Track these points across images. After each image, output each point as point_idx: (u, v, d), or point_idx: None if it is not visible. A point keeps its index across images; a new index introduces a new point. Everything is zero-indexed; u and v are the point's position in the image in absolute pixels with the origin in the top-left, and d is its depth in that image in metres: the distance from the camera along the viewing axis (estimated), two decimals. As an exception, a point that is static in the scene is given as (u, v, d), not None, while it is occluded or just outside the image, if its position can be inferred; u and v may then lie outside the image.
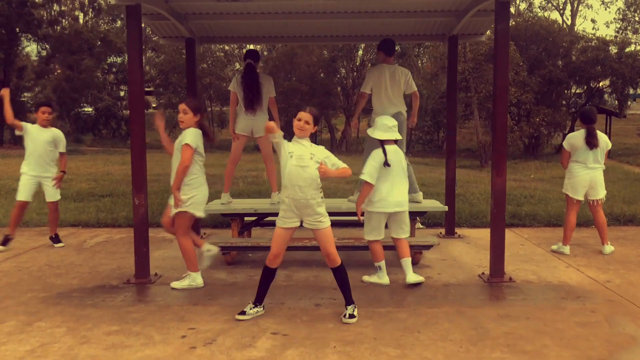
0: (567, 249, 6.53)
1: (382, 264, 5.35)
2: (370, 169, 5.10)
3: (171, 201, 5.12)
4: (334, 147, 31.57)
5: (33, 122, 6.96)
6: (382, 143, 5.20)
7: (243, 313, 4.41)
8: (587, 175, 6.38)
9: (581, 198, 6.49)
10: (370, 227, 5.27)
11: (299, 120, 4.31)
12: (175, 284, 5.24)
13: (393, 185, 5.15)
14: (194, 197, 5.07)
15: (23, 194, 6.82)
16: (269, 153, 6.60)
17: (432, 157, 25.23)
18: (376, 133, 5.22)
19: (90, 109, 34.39)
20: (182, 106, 5.10)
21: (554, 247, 6.68)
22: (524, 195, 10.81)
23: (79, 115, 33.24)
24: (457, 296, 4.97)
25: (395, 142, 5.27)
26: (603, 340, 3.95)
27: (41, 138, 6.79)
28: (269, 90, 6.56)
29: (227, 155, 24.35)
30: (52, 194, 6.98)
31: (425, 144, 31.57)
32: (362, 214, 5.24)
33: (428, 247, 5.94)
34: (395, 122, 5.25)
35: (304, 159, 4.27)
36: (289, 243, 4.53)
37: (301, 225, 4.44)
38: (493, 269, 5.46)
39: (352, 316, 4.31)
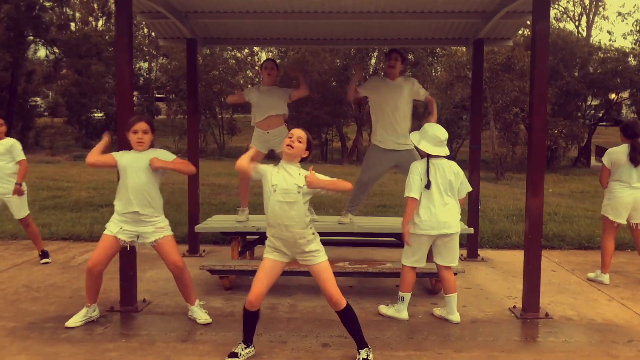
0: (606, 278, 5.82)
1: (407, 296, 4.68)
2: (411, 184, 4.44)
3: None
4: (345, 156, 30.94)
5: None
6: (428, 157, 4.51)
7: (235, 355, 3.75)
8: (631, 196, 5.69)
9: (623, 221, 5.79)
10: (410, 251, 4.60)
11: (290, 137, 3.65)
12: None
13: (436, 204, 4.46)
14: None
15: None
16: None
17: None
18: (423, 144, 4.49)
19: (100, 114, 34.00)
20: (143, 125, 4.34)
21: (591, 275, 5.98)
22: (547, 212, 10.07)
23: (89, 120, 32.84)
24: (488, 336, 4.29)
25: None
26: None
27: None
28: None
29: (235, 163, 23.79)
30: (18, 211, 6.28)
31: (438, 155, 30.81)
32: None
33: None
34: (447, 135, 4.53)
35: (289, 193, 3.60)
36: (276, 278, 3.83)
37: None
38: (527, 303, 4.77)
39: (365, 362, 3.65)
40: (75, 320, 4.41)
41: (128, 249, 4.45)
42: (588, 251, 7.46)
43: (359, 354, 3.70)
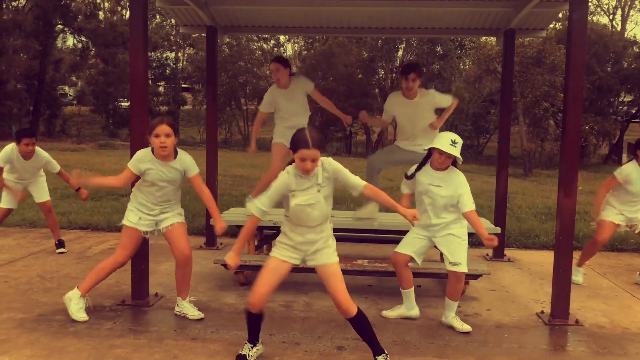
0: None
1: (410, 292, 4.44)
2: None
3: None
4: (369, 149, 30.64)
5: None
6: (429, 152, 4.28)
7: (243, 358, 3.56)
8: None
9: None
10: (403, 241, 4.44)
11: (303, 160, 3.29)
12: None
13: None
14: None
15: (6, 200, 6.16)
16: None
17: (472, 164, 24.08)
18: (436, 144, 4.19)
19: (127, 104, 34.23)
20: (166, 128, 4.08)
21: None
22: (577, 212, 9.70)
23: (116, 109, 33.08)
24: (513, 343, 4.04)
25: (455, 163, 4.29)
26: None
27: (27, 166, 6.13)
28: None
29: (260, 154, 23.53)
30: (40, 194, 6.30)
31: (464, 149, 30.32)
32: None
33: (476, 276, 5.00)
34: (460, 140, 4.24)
35: (309, 195, 3.38)
36: (281, 280, 3.59)
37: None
38: (556, 308, 4.50)
39: (383, 369, 3.43)
40: (82, 316, 4.28)
41: (147, 236, 4.38)
42: (620, 253, 7.12)
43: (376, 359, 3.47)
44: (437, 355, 3.79)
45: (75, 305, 4.29)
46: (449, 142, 4.07)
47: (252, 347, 3.61)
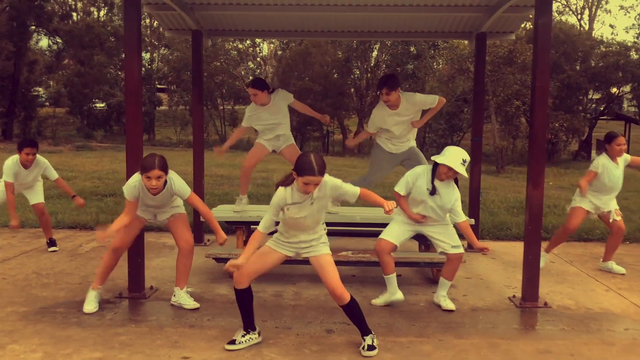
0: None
1: (392, 277, 4.75)
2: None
3: None
4: (346, 148, 31.00)
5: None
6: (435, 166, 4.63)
7: (232, 342, 3.84)
8: None
9: None
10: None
11: (307, 184, 3.51)
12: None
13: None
14: None
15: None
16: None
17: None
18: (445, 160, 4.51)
19: (102, 105, 34.05)
20: (157, 172, 4.20)
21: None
22: (547, 205, 10.17)
23: (90, 110, 32.89)
24: (488, 324, 4.40)
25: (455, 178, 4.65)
26: (663, 387, 3.37)
27: (28, 177, 6.39)
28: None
29: (236, 154, 23.73)
30: (35, 197, 6.50)
31: (439, 148, 30.88)
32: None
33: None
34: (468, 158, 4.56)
35: (302, 208, 3.66)
36: (271, 268, 3.91)
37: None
38: (526, 292, 4.88)
39: (371, 347, 3.74)
40: (92, 307, 4.53)
41: (147, 223, 4.69)
42: (587, 243, 7.56)
43: (364, 340, 3.78)
44: (418, 335, 4.12)
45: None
46: (460, 161, 4.42)
47: (245, 334, 3.86)
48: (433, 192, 4.57)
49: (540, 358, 3.75)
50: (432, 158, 4.62)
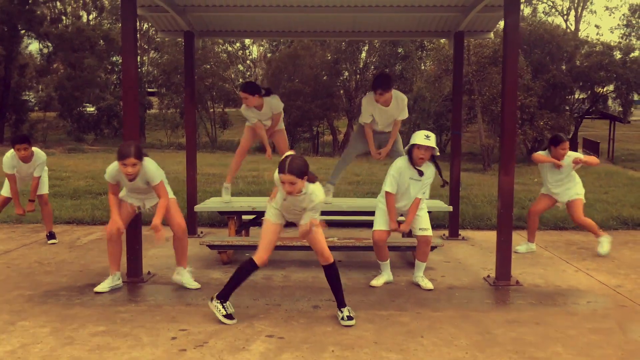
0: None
1: (387, 263, 5.23)
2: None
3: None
4: (336, 149, 31.38)
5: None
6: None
7: (230, 317, 4.15)
8: None
9: None
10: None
11: (283, 183, 3.95)
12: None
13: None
14: None
15: (6, 189, 6.72)
16: (285, 147, 6.35)
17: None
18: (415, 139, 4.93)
19: (92, 108, 34.24)
20: (132, 160, 4.54)
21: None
22: (528, 199, 10.55)
23: (81, 114, 33.07)
24: (462, 300, 4.75)
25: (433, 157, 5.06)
26: (617, 348, 3.73)
27: (25, 172, 6.66)
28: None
29: (227, 155, 23.98)
30: (40, 188, 6.80)
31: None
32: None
33: (432, 248, 5.70)
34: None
35: (294, 211, 4.23)
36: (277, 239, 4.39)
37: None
38: (499, 272, 5.24)
39: (350, 317, 4.09)
40: (103, 287, 4.88)
41: (137, 211, 4.98)
42: (562, 231, 7.95)
43: (341, 312, 4.13)
44: (398, 309, 4.47)
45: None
46: (423, 137, 4.84)
47: (221, 303, 4.14)
48: (421, 173, 4.97)
49: (508, 326, 4.11)
50: (405, 149, 5.05)
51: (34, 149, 6.62)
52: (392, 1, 6.50)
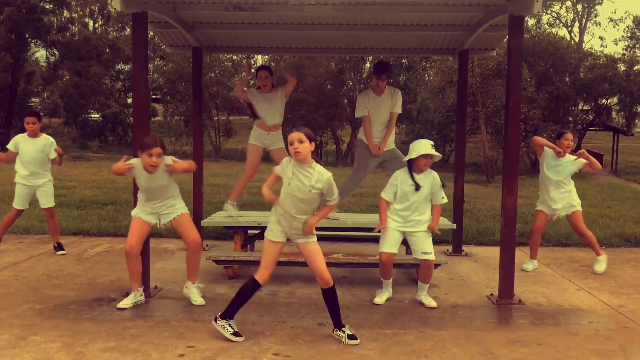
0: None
1: (390, 281, 5.32)
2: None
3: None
4: (339, 158, 31.47)
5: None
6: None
7: (237, 334, 4.22)
8: None
9: None
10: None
11: (291, 144, 4.00)
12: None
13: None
14: None
15: (18, 202, 6.82)
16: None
17: (439, 172, 25.02)
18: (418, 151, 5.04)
19: (97, 115, 34.42)
20: (158, 150, 4.67)
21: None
22: (531, 213, 10.58)
23: (85, 121, 33.25)
24: (465, 318, 4.81)
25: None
26: (618, 370, 3.79)
27: (31, 148, 6.77)
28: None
29: (231, 164, 24.00)
30: (47, 200, 6.91)
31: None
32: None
33: (435, 265, 5.77)
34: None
35: (302, 191, 4.08)
36: (278, 257, 4.39)
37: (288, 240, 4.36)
38: (502, 290, 5.30)
39: (352, 337, 4.16)
40: (126, 303, 4.95)
41: (158, 226, 5.01)
42: (565, 247, 8.00)
43: (342, 332, 4.18)
44: (402, 328, 4.53)
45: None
46: (430, 146, 4.98)
47: (227, 321, 4.22)
48: (417, 187, 5.02)
49: (510, 347, 4.17)
50: (405, 159, 5.13)
51: (43, 136, 6.85)
52: (398, 19, 6.60)
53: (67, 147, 30.22)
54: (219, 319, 4.23)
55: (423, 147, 4.96)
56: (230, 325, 4.20)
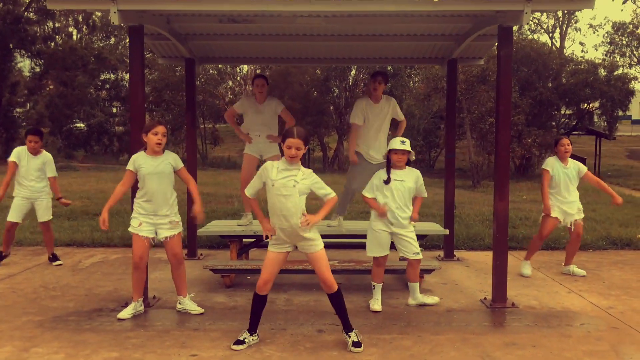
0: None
1: (380, 285, 5.43)
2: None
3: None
4: (326, 165, 31.58)
5: (24, 139, 6.98)
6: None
7: (241, 342, 4.29)
8: None
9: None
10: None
11: (289, 148, 4.11)
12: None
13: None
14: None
15: (13, 215, 6.85)
16: None
17: (424, 177, 25.23)
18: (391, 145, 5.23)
19: (82, 125, 34.24)
20: (163, 129, 4.88)
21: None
22: (519, 217, 10.79)
23: (70, 131, 33.07)
24: (461, 322, 4.92)
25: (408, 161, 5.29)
26: (611, 370, 3.91)
27: (31, 164, 6.84)
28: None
29: (219, 172, 23.93)
30: (44, 214, 6.96)
31: (418, 164, 31.63)
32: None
33: (429, 271, 5.90)
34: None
35: (286, 187, 4.15)
36: (282, 267, 4.45)
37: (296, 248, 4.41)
38: (495, 294, 5.42)
39: (357, 344, 4.22)
40: (126, 313, 4.98)
41: (153, 243, 5.03)
42: (554, 251, 8.15)
43: (349, 336, 4.27)
44: (400, 332, 4.63)
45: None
46: (399, 142, 5.12)
47: (250, 335, 4.33)
48: (388, 181, 5.17)
49: (506, 349, 4.28)
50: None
51: (43, 154, 6.96)
52: (388, 30, 6.73)
53: (53, 157, 30.01)
54: (247, 333, 4.35)
55: (392, 143, 5.17)
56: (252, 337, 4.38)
